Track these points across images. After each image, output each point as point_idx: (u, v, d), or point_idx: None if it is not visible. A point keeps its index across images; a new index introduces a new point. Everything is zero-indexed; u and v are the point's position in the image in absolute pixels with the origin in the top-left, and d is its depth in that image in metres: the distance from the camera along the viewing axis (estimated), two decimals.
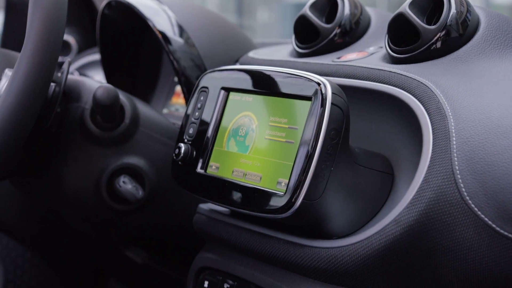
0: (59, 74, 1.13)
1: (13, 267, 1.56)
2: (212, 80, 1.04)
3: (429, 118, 0.85)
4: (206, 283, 1.06)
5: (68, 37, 1.91)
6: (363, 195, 0.90)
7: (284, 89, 0.92)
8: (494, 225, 0.78)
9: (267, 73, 0.96)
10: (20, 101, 0.95)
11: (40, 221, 1.61)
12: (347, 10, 1.12)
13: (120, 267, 1.58)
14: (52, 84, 1.10)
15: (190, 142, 1.03)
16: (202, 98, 1.04)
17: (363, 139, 0.96)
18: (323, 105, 0.85)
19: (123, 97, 1.18)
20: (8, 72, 1.07)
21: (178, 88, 1.45)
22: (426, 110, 0.86)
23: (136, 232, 1.35)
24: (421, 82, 0.89)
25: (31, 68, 0.95)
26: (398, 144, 0.93)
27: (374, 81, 0.95)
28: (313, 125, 0.85)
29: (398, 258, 0.83)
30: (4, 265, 1.54)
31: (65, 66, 1.12)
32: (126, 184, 1.16)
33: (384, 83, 0.94)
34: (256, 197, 0.90)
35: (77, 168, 1.16)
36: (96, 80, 1.25)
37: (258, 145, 0.94)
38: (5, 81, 1.06)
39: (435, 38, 0.95)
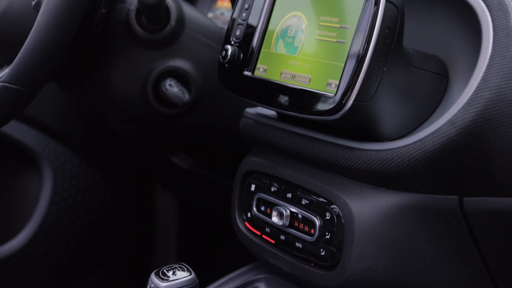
0: None
1: (62, 171, 1.58)
2: None
3: (490, 14, 0.81)
4: (252, 187, 1.06)
5: None
6: (416, 97, 0.87)
7: None
8: None
9: None
10: None
11: (86, 126, 1.62)
12: None
13: (166, 173, 1.60)
14: None
15: (237, 44, 1.00)
16: None
17: (417, 40, 0.93)
18: (377, 2, 0.81)
19: None
20: None
21: None
22: (486, 6, 0.82)
23: (182, 136, 1.35)
24: None
25: None
26: (454, 45, 0.89)
27: None
28: (366, 24, 0.82)
29: (451, 160, 0.81)
30: (53, 169, 1.57)
31: None
32: (172, 87, 1.15)
33: None
34: (305, 99, 0.89)
35: (123, 70, 1.15)
36: None
37: (308, 46, 0.91)
38: None
39: None
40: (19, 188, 1.59)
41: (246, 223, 1.07)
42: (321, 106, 0.86)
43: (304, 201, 0.96)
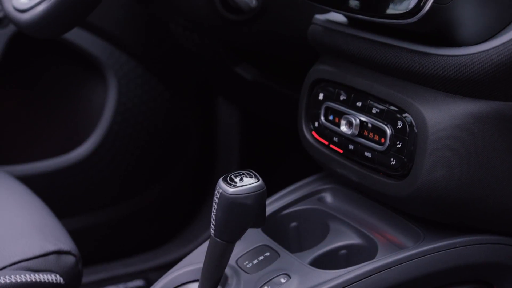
0: None
1: (126, 81, 1.59)
2: None
3: None
4: (321, 96, 1.04)
5: None
6: None
7: None
8: None
9: None
10: None
11: (149, 36, 1.61)
12: None
13: (229, 84, 1.58)
14: None
15: None
16: None
17: None
18: None
19: None
20: None
21: None
22: None
23: (247, 45, 1.32)
24: None
25: None
26: None
27: None
28: None
29: None
30: (117, 78, 1.57)
31: None
32: None
33: None
34: (379, 2, 0.85)
35: None
36: None
37: None
38: None
39: None
40: (85, 97, 1.61)
41: (313, 133, 1.06)
42: (397, 9, 0.82)
43: (374, 110, 0.94)
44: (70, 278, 1.05)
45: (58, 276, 1.03)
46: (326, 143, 1.03)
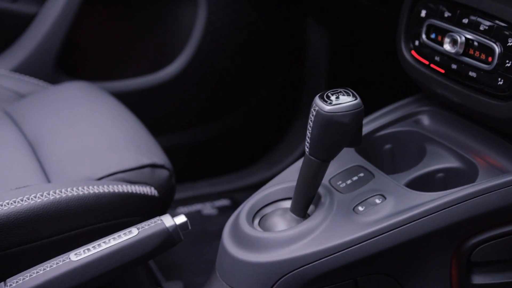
0: None
1: (215, 0, 1.57)
2: None
3: None
4: (423, 13, 0.99)
5: None
6: None
7: None
8: None
9: None
10: None
11: None
12: None
13: (320, 4, 1.54)
14: None
15: None
16: None
17: None
18: None
19: None
20: None
21: None
22: None
23: None
24: None
25: None
26: None
27: None
28: None
29: None
30: None
31: None
32: None
33: None
34: None
35: None
36: None
37: None
38: None
39: None
40: (175, 17, 1.60)
41: (413, 52, 1.02)
42: None
43: (482, 27, 0.89)
44: (164, 192, 1.06)
45: (153, 188, 1.05)
46: (427, 62, 0.99)
